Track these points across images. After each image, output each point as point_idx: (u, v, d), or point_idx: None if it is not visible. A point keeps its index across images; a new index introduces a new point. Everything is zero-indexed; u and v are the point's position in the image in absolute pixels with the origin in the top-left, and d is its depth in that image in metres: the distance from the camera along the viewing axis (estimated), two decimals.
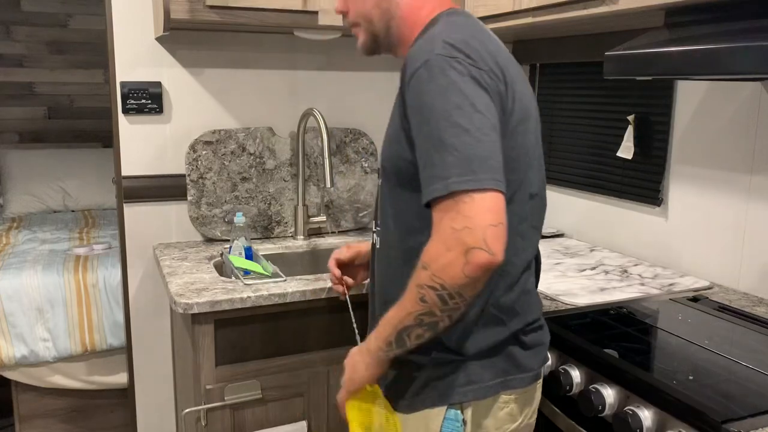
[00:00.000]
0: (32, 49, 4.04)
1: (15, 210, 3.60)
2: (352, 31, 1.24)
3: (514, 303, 1.11)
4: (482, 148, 0.94)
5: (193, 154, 2.06)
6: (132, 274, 2.11)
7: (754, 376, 1.18)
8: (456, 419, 1.09)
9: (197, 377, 1.62)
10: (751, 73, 1.14)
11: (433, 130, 0.96)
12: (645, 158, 1.93)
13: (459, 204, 0.92)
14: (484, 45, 1.03)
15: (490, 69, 1.00)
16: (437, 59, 0.98)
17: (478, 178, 0.92)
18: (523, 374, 1.13)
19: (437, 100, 0.96)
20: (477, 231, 0.91)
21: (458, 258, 0.92)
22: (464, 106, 0.95)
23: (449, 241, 0.93)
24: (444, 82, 0.96)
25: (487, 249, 0.91)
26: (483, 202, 0.92)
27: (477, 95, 0.97)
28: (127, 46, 1.99)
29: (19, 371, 2.46)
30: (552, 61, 2.26)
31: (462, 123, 0.94)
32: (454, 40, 1.00)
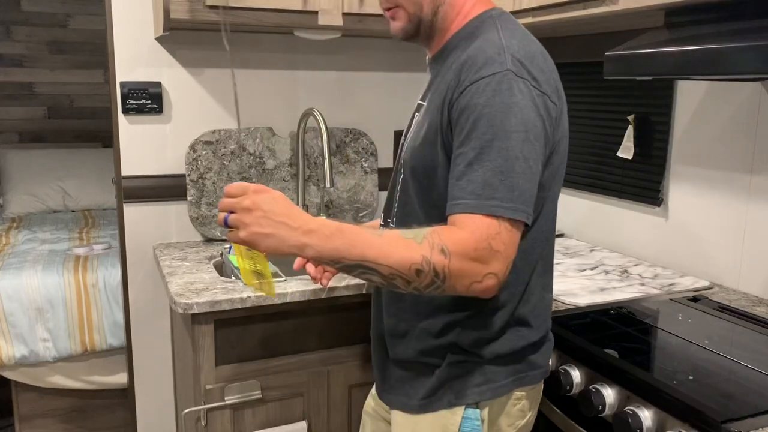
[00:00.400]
0: (32, 49, 4.04)
1: (15, 210, 3.60)
2: (388, 14, 1.15)
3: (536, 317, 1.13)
4: (525, 180, 0.95)
5: (193, 154, 2.06)
6: (132, 274, 2.10)
7: (754, 376, 1.18)
8: (475, 418, 1.09)
9: (197, 377, 1.62)
10: (751, 73, 1.14)
11: (483, 146, 0.95)
12: (645, 158, 1.93)
13: (501, 228, 0.93)
14: (546, 64, 1.04)
15: (551, 94, 1.01)
16: (507, 75, 0.97)
17: (516, 207, 0.94)
18: (534, 371, 1.15)
19: (497, 117, 0.95)
20: (505, 262, 0.95)
21: (478, 273, 0.93)
22: (521, 131, 0.95)
23: (483, 253, 0.93)
24: (509, 101, 0.95)
25: (502, 280, 0.95)
26: (515, 235, 0.95)
27: (534, 123, 0.97)
28: (127, 46, 1.99)
29: (19, 371, 2.46)
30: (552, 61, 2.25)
31: (515, 150, 0.94)
32: (522, 56, 0.99)
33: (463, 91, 0.99)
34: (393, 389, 1.17)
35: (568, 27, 1.87)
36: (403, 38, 1.16)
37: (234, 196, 0.93)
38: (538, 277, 1.13)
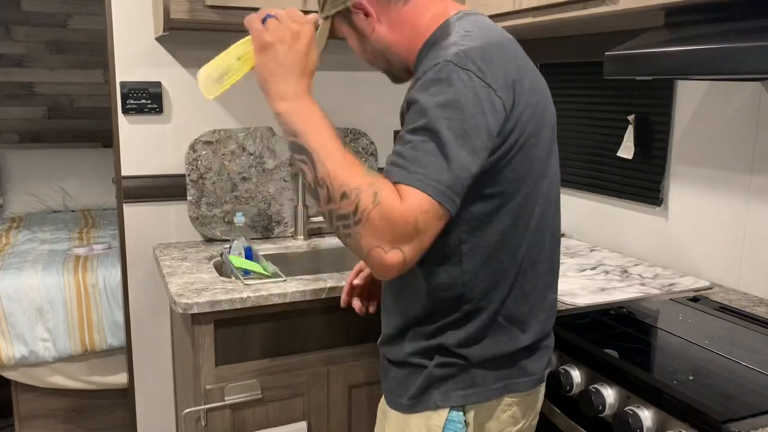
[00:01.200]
0: (32, 49, 4.04)
1: (15, 210, 3.60)
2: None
3: (525, 318, 1.11)
4: (456, 166, 0.93)
5: (193, 154, 2.06)
6: (132, 274, 2.10)
7: (754, 376, 1.18)
8: (458, 421, 1.09)
9: (197, 377, 1.62)
10: (751, 73, 1.14)
11: (417, 129, 0.95)
12: (645, 158, 1.93)
13: (429, 207, 0.92)
14: (500, 57, 1.01)
15: (499, 87, 0.98)
16: (447, 66, 0.96)
17: (444, 192, 0.92)
18: (526, 378, 1.13)
19: (433, 104, 0.95)
20: (417, 243, 0.92)
21: (387, 242, 0.91)
22: (454, 119, 0.94)
23: (406, 227, 0.91)
24: (446, 90, 0.95)
25: (407, 261, 0.92)
26: (437, 219, 0.93)
27: (471, 114, 0.95)
28: (127, 46, 1.99)
29: (19, 371, 2.46)
30: (552, 61, 2.26)
31: (447, 136, 0.93)
32: (469, 49, 0.98)
33: (412, 86, 1.01)
34: (388, 388, 1.18)
35: (568, 27, 1.87)
36: (396, 82, 1.24)
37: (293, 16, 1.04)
38: (528, 278, 1.10)
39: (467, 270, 1.06)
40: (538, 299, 1.13)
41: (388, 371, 1.18)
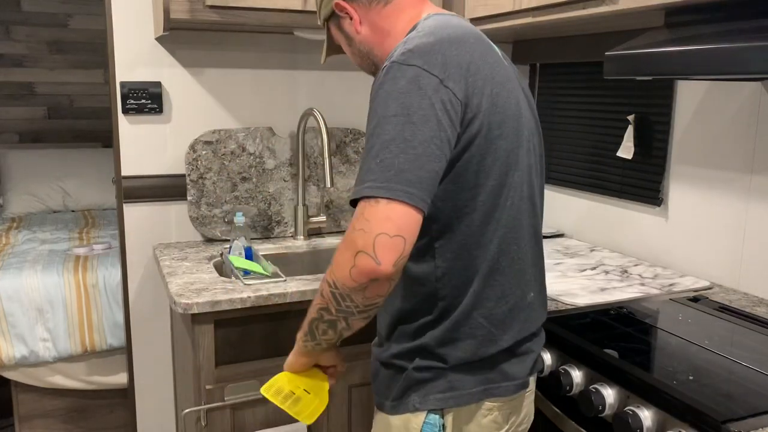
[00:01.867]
0: (32, 49, 4.04)
1: (15, 210, 3.60)
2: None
3: (505, 317, 1.10)
4: (403, 159, 0.93)
5: (193, 154, 2.06)
6: (132, 274, 2.11)
7: (754, 376, 1.18)
8: (435, 424, 1.09)
9: (197, 377, 1.62)
10: (751, 73, 1.14)
11: (368, 135, 0.98)
12: (645, 158, 1.93)
13: (364, 207, 0.93)
14: (453, 50, 1.01)
15: (447, 77, 0.98)
16: (392, 66, 0.98)
17: (389, 187, 0.92)
18: (507, 383, 1.12)
19: (380, 107, 0.97)
20: (369, 236, 0.91)
21: (349, 259, 0.93)
22: (400, 115, 0.95)
23: (347, 240, 0.94)
24: (390, 88, 0.97)
25: (374, 256, 0.91)
26: (385, 209, 0.91)
27: (418, 105, 0.95)
28: (127, 46, 1.99)
29: (19, 371, 2.46)
30: (552, 61, 2.26)
31: (392, 132, 0.94)
32: (416, 45, 1.00)
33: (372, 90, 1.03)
34: (376, 389, 1.19)
35: (568, 27, 1.87)
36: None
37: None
38: (506, 276, 1.09)
39: (439, 266, 1.07)
40: (519, 299, 1.11)
41: (378, 372, 1.19)
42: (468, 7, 1.94)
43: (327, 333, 1.07)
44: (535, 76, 2.40)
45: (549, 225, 2.35)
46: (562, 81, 2.27)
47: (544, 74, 2.37)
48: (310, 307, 1.08)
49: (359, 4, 1.15)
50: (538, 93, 2.40)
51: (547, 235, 2.24)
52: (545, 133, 2.36)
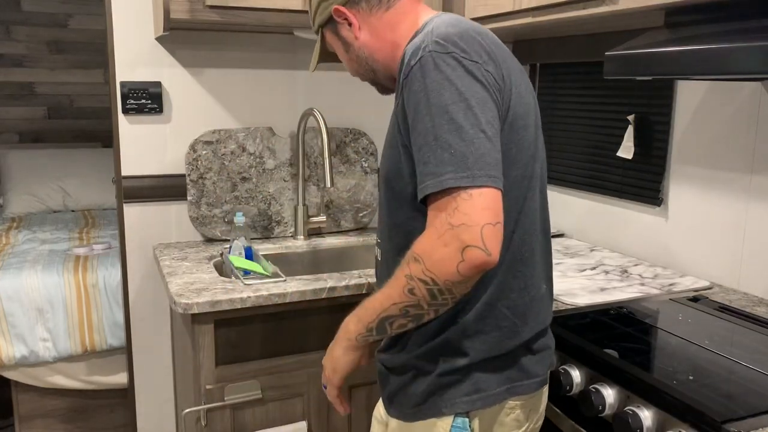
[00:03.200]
0: (32, 49, 4.05)
1: (15, 210, 3.60)
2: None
3: (527, 308, 1.10)
4: (477, 145, 0.93)
5: (193, 154, 2.06)
6: (132, 274, 2.11)
7: (754, 376, 1.18)
8: (464, 427, 1.08)
9: (197, 377, 1.62)
10: (751, 73, 1.14)
11: (428, 127, 0.95)
12: (645, 158, 1.93)
13: (457, 201, 0.92)
14: (479, 38, 1.02)
15: (485, 61, 0.99)
16: (430, 55, 0.97)
17: (473, 174, 0.92)
18: (529, 380, 1.12)
19: (431, 96, 0.96)
20: (475, 229, 0.91)
21: (454, 255, 0.92)
22: (458, 102, 0.94)
23: (446, 236, 0.92)
24: (438, 78, 0.96)
25: (484, 248, 0.91)
26: (480, 199, 0.92)
27: (472, 89, 0.96)
28: (127, 46, 1.99)
29: (19, 371, 2.46)
30: (552, 61, 2.26)
31: (457, 119, 0.94)
32: (446, 35, 0.99)
33: (402, 87, 1.02)
34: (389, 396, 1.17)
35: (568, 27, 1.87)
36: (384, 93, 1.27)
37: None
38: (528, 266, 1.09)
39: None
40: (536, 290, 1.12)
41: (387, 379, 1.17)
42: (468, 7, 1.94)
43: (406, 326, 1.04)
44: (535, 76, 2.40)
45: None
46: (562, 81, 2.27)
47: (544, 74, 2.37)
48: (373, 303, 1.05)
49: (359, 9, 1.15)
50: (538, 93, 2.40)
51: None
52: (545, 134, 2.36)
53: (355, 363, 1.16)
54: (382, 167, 1.13)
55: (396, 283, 0.99)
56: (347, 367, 1.16)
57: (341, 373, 1.17)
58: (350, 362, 1.16)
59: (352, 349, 1.14)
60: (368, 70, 1.21)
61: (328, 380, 1.20)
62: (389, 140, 1.10)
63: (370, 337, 1.09)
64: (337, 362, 1.16)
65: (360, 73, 1.24)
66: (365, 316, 1.07)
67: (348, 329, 1.12)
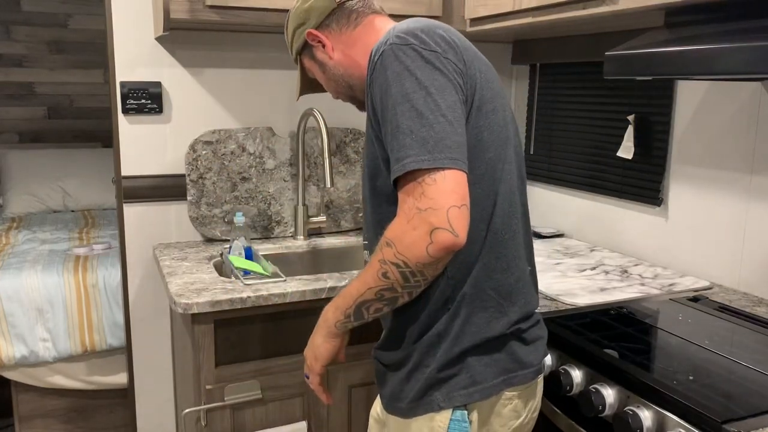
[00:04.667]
0: (32, 49, 4.04)
1: (15, 210, 3.60)
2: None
3: (512, 289, 1.12)
4: (437, 129, 0.97)
5: (193, 154, 2.06)
6: (132, 274, 2.11)
7: (754, 376, 1.18)
8: (463, 419, 1.09)
9: (197, 377, 1.62)
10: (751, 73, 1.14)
11: (391, 117, 0.99)
12: (645, 158, 1.93)
13: (422, 185, 0.95)
14: (439, 31, 1.06)
15: (444, 50, 1.03)
16: (391, 48, 1.02)
17: (434, 157, 0.95)
18: (525, 370, 1.13)
19: (393, 87, 1.00)
20: (441, 212, 0.94)
21: (423, 237, 0.95)
22: (418, 90, 0.98)
23: (414, 220, 0.95)
24: (398, 68, 1.00)
25: (451, 229, 0.94)
26: (444, 183, 0.95)
27: (431, 77, 0.99)
28: (127, 46, 1.99)
29: (19, 371, 2.46)
30: (552, 61, 2.26)
31: (417, 106, 0.97)
32: (407, 29, 1.04)
33: (370, 83, 1.06)
34: (386, 393, 1.18)
35: (568, 27, 1.87)
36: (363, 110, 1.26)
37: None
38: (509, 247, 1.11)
39: None
40: (521, 271, 1.14)
41: (384, 376, 1.18)
42: (468, 7, 1.94)
43: (382, 310, 1.07)
44: (535, 76, 2.40)
45: (549, 225, 2.35)
46: (562, 81, 2.27)
47: (544, 74, 2.37)
48: (349, 290, 1.08)
49: (330, 30, 1.22)
50: (538, 93, 2.40)
51: (547, 235, 2.24)
52: (545, 134, 2.37)
53: (335, 350, 1.19)
54: (364, 165, 1.16)
55: (370, 269, 1.03)
56: (327, 354, 1.18)
57: (322, 360, 1.19)
58: (330, 349, 1.18)
59: (332, 336, 1.16)
60: (346, 86, 1.26)
61: (309, 369, 1.22)
62: (366, 137, 1.14)
63: (348, 324, 1.12)
64: (318, 350, 1.18)
65: (339, 93, 1.29)
66: (342, 303, 1.10)
67: (327, 317, 1.15)
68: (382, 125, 1.03)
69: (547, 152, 2.36)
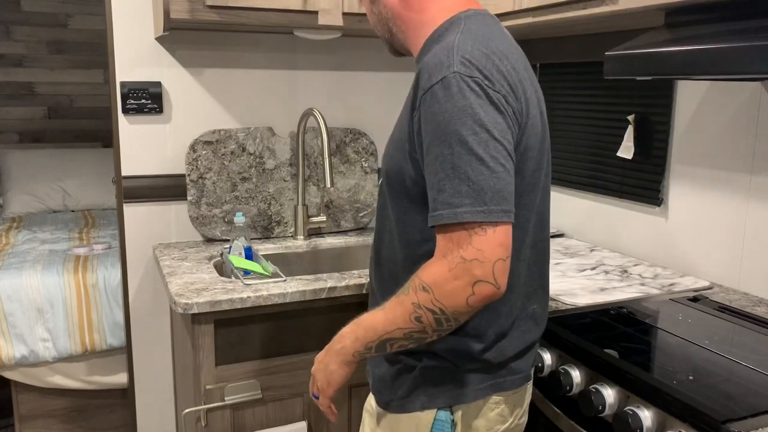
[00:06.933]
0: (32, 49, 4.04)
1: (15, 210, 3.60)
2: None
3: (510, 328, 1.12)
4: (496, 179, 0.93)
5: (193, 154, 2.06)
6: (132, 274, 2.11)
7: (754, 376, 1.18)
8: (446, 420, 1.10)
9: (197, 377, 1.62)
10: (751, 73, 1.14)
11: (446, 154, 0.94)
12: (645, 158, 1.93)
13: (471, 235, 0.93)
14: (503, 62, 1.01)
15: (507, 93, 0.99)
16: (455, 77, 0.96)
17: (489, 210, 0.92)
18: (513, 376, 1.14)
19: (453, 123, 0.94)
20: (487, 265, 0.92)
21: (465, 288, 0.93)
22: (480, 133, 0.93)
23: (457, 270, 0.93)
24: (461, 104, 0.94)
25: (494, 282, 0.93)
26: (495, 235, 0.93)
27: (494, 120, 0.95)
28: (127, 46, 1.99)
29: (19, 371, 2.46)
30: (552, 61, 2.26)
31: (477, 151, 0.93)
32: (472, 56, 0.98)
33: (420, 100, 1.00)
34: (377, 387, 1.19)
35: (568, 27, 1.87)
36: (395, 55, 1.27)
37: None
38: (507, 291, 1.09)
39: None
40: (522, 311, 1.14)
41: (378, 368, 1.19)
42: None
43: (406, 347, 1.04)
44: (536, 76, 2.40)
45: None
46: (562, 81, 2.27)
47: (544, 74, 2.37)
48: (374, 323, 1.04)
49: None
50: None
51: None
52: None
53: (349, 376, 1.16)
54: (388, 167, 1.12)
55: (402, 310, 0.99)
56: (342, 381, 1.15)
57: (335, 386, 1.16)
58: (345, 376, 1.15)
59: (348, 365, 1.13)
60: (385, 29, 1.20)
61: (321, 392, 1.19)
62: (398, 142, 1.09)
63: (367, 354, 1.08)
64: (332, 376, 1.15)
65: (377, 28, 1.23)
66: (365, 336, 1.06)
67: (344, 345, 1.10)
68: (427, 154, 0.98)
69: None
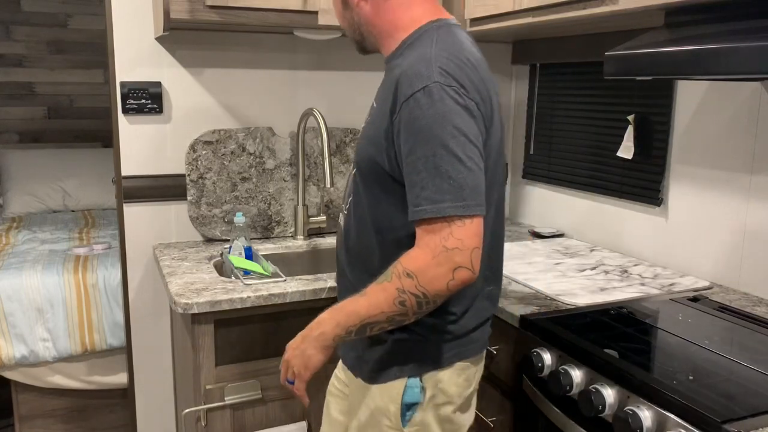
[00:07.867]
0: (32, 49, 4.04)
1: (15, 210, 3.60)
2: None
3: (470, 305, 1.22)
4: (473, 177, 1.05)
5: (193, 154, 2.06)
6: (132, 274, 2.11)
7: (754, 376, 1.18)
8: (415, 386, 1.20)
9: (197, 377, 1.62)
10: (751, 73, 1.14)
11: (429, 156, 1.05)
12: (645, 158, 1.93)
13: (452, 226, 1.04)
14: (475, 74, 1.12)
15: (479, 101, 1.10)
16: (436, 87, 1.07)
17: (467, 204, 1.04)
18: (474, 345, 1.25)
19: (435, 127, 1.05)
20: (466, 252, 1.04)
21: (446, 274, 1.04)
22: (458, 136, 1.05)
23: (440, 257, 1.04)
24: (442, 110, 1.06)
25: (471, 268, 1.05)
26: (472, 226, 1.05)
27: (469, 125, 1.07)
28: (127, 46, 1.99)
29: (19, 371, 2.46)
30: (552, 61, 2.26)
31: (457, 152, 1.05)
32: (448, 67, 1.09)
33: (402, 105, 1.09)
34: (351, 363, 1.28)
35: (568, 27, 1.87)
36: (363, 54, 1.33)
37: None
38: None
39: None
40: (479, 290, 1.24)
41: (347, 345, 1.27)
42: (468, 7, 1.94)
43: (384, 329, 1.13)
44: (535, 76, 2.40)
45: (549, 225, 2.35)
46: (562, 81, 2.27)
47: (544, 74, 2.37)
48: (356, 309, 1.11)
49: None
50: (538, 93, 2.40)
51: (547, 235, 2.24)
52: (545, 134, 2.37)
53: (326, 360, 1.22)
54: (362, 160, 1.20)
55: (386, 295, 1.08)
56: (320, 365, 1.21)
57: (313, 370, 1.21)
58: (323, 360, 1.20)
59: (327, 349, 1.19)
60: (357, 33, 1.28)
61: (298, 376, 1.23)
62: (373, 138, 1.17)
63: (347, 338, 1.15)
64: (310, 361, 1.20)
65: (348, 31, 1.30)
66: (346, 321, 1.13)
67: (324, 331, 1.16)
68: (408, 152, 1.08)
69: (547, 152, 2.36)
